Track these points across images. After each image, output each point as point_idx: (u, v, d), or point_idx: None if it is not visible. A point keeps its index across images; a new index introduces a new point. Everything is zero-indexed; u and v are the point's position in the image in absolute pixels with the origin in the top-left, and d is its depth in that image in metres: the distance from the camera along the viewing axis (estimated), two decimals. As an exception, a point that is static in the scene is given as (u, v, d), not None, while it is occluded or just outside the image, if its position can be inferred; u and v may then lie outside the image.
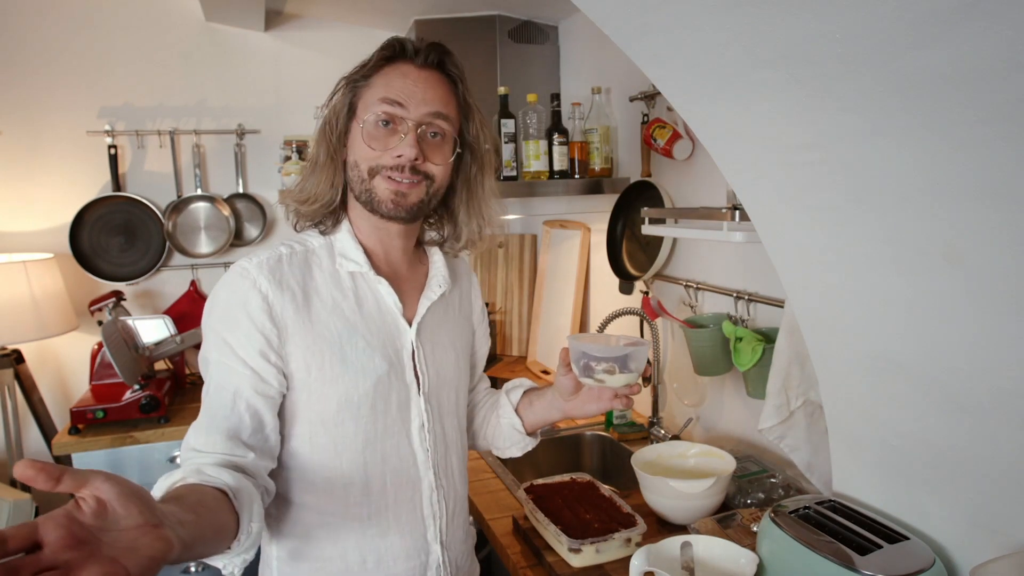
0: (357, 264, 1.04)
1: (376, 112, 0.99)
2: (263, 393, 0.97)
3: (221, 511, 0.82)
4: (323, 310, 1.01)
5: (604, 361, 1.04)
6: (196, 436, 0.95)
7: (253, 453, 0.95)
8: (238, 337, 0.95)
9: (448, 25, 2.46)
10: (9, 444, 2.32)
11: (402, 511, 1.06)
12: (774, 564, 1.06)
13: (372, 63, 1.02)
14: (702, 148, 1.77)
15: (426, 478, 1.08)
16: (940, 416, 0.96)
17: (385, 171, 1.00)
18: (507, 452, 1.26)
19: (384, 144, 0.99)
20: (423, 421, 1.08)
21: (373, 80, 1.01)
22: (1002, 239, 0.75)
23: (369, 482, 1.04)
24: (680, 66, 0.96)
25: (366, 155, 1.00)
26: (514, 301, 2.84)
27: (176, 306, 2.62)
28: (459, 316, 1.19)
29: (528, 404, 1.22)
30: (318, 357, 0.99)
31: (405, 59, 1.01)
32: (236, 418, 0.95)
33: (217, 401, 0.96)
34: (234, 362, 0.95)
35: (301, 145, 2.38)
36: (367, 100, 1.01)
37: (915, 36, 0.65)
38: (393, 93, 0.99)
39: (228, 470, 0.88)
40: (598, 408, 1.14)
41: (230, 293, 0.97)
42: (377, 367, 1.02)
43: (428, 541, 1.09)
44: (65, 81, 2.48)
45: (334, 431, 1.01)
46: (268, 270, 0.98)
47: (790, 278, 1.13)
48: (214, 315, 0.98)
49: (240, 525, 0.83)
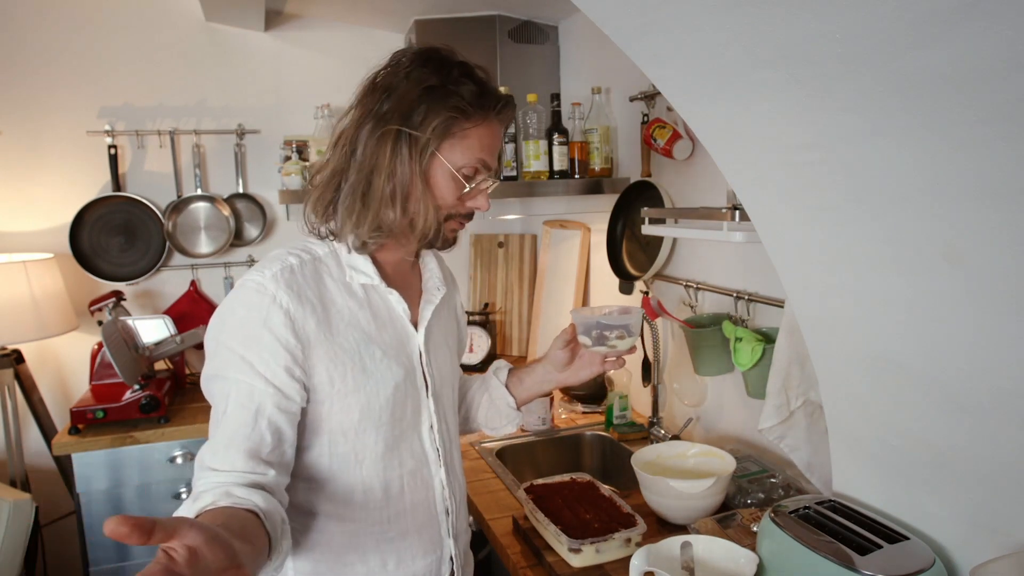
0: (368, 277, 1.04)
1: (474, 166, 1.02)
2: (285, 410, 0.95)
3: (258, 534, 0.82)
4: (341, 322, 1.00)
5: (616, 328, 1.17)
6: (213, 456, 0.92)
7: (273, 471, 0.93)
8: (260, 354, 0.93)
9: (448, 25, 2.46)
10: (9, 444, 2.32)
11: (419, 511, 1.08)
12: (774, 564, 1.06)
13: (469, 109, 0.99)
14: (702, 148, 1.77)
15: (438, 476, 1.10)
16: (940, 416, 0.96)
17: (459, 217, 1.05)
18: (503, 430, 1.30)
19: (467, 195, 1.04)
20: (432, 422, 1.09)
21: (470, 132, 1.00)
22: (1002, 239, 0.75)
23: (388, 487, 1.05)
24: (680, 66, 0.96)
25: (448, 201, 1.02)
26: (514, 301, 2.84)
27: (176, 306, 2.62)
28: (449, 315, 1.22)
29: (518, 381, 1.28)
30: (340, 368, 0.98)
31: (494, 115, 1.02)
32: (257, 436, 0.92)
33: (237, 420, 0.92)
34: (255, 380, 0.93)
35: (301, 145, 2.38)
36: (464, 148, 1.00)
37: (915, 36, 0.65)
38: (487, 154, 1.03)
39: (256, 490, 0.88)
40: (590, 373, 1.23)
41: (248, 310, 0.94)
42: (395, 374, 1.03)
43: (442, 536, 1.11)
44: (65, 81, 2.48)
45: (355, 440, 1.01)
46: (285, 283, 0.96)
47: (790, 278, 1.13)
48: (228, 332, 0.95)
49: (272, 545, 0.84)
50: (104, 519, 2.24)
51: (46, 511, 2.40)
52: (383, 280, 1.05)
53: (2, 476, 2.38)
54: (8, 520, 1.99)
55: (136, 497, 2.16)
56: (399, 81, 0.99)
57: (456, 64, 1.01)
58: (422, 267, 1.17)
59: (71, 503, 2.23)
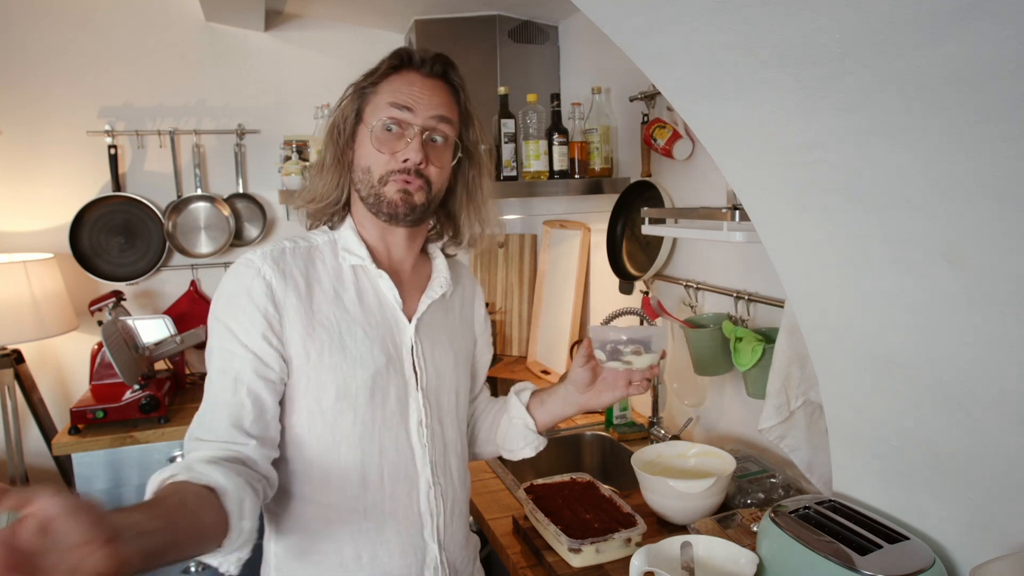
0: (359, 258, 1.07)
1: (384, 117, 1.04)
2: (264, 376, 0.98)
3: (205, 511, 0.81)
4: (324, 300, 1.04)
5: (631, 343, 1.10)
6: (200, 426, 0.96)
7: (255, 441, 0.96)
8: (241, 322, 0.98)
9: (448, 25, 2.46)
10: (9, 444, 2.32)
11: (399, 506, 1.07)
12: (774, 564, 1.06)
13: (380, 71, 1.06)
14: (702, 148, 1.77)
15: (423, 474, 1.08)
16: (940, 416, 0.96)
17: (394, 175, 1.04)
18: (520, 453, 1.25)
19: (391, 148, 1.04)
20: (421, 417, 1.09)
21: (381, 87, 1.06)
22: (1003, 239, 0.75)
23: (367, 475, 1.04)
24: (680, 66, 0.96)
25: (377, 160, 1.04)
26: (514, 301, 2.84)
27: (176, 306, 2.62)
28: (460, 321, 1.21)
29: (539, 403, 1.23)
30: (317, 344, 1.01)
31: (412, 68, 1.06)
32: (237, 403, 0.96)
33: (219, 386, 0.97)
34: (235, 346, 0.97)
35: (301, 145, 2.38)
36: (375, 105, 1.05)
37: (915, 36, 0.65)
38: (401, 99, 1.03)
39: (220, 466, 0.88)
40: (613, 397, 1.17)
41: (235, 281, 1.00)
42: (376, 359, 1.04)
43: (425, 539, 1.09)
44: (65, 81, 2.48)
45: (332, 421, 1.02)
46: (272, 260, 1.02)
47: (790, 278, 1.13)
48: (219, 305, 1.01)
49: (230, 523, 0.83)
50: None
51: (46, 511, 2.40)
52: (374, 263, 1.08)
53: (2, 476, 2.38)
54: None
55: (136, 497, 2.15)
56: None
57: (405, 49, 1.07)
58: (432, 267, 1.18)
59: (71, 503, 2.23)
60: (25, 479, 2.34)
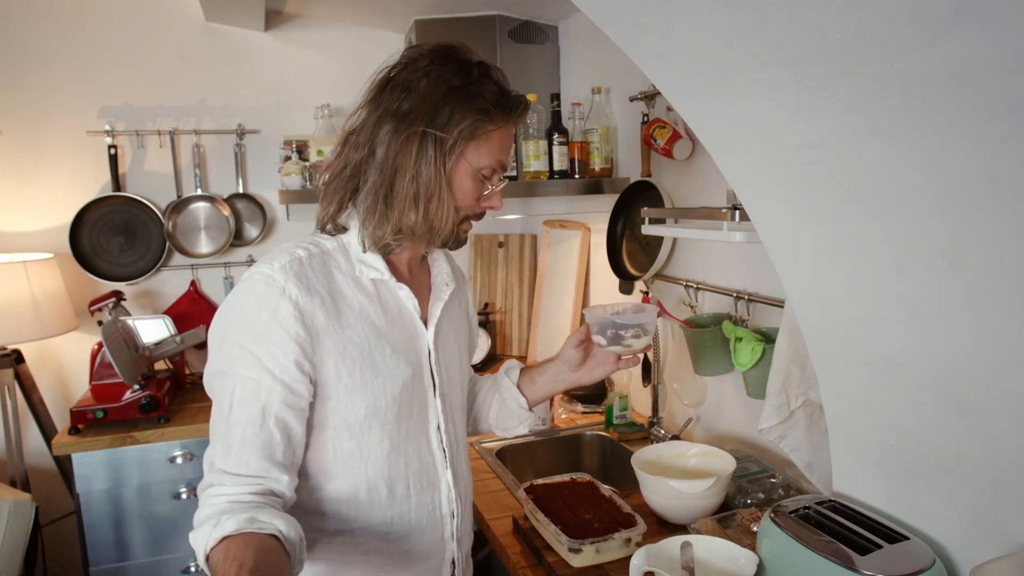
0: (378, 272, 1.03)
1: (492, 167, 1.03)
2: (293, 406, 0.93)
3: (284, 560, 0.83)
4: (351, 315, 0.99)
5: (632, 327, 1.14)
6: (224, 457, 0.90)
7: (287, 476, 0.93)
8: (268, 349, 0.91)
9: (448, 25, 2.46)
10: (9, 444, 2.32)
11: (423, 513, 1.07)
12: (774, 564, 1.06)
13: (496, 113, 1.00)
14: (702, 148, 1.77)
15: (444, 478, 1.09)
16: (940, 416, 0.96)
17: (472, 217, 1.06)
18: (514, 431, 1.27)
19: (480, 192, 1.04)
20: (439, 422, 1.09)
21: (493, 135, 1.01)
22: (1003, 239, 0.75)
23: (393, 487, 1.03)
24: (680, 66, 0.96)
25: (467, 202, 1.03)
26: (514, 301, 2.84)
27: (176, 306, 2.62)
28: (460, 314, 1.22)
29: (530, 382, 1.25)
30: (349, 363, 0.97)
31: (515, 118, 1.05)
32: (267, 435, 0.91)
33: (244, 417, 0.91)
34: (262, 376, 0.91)
35: (301, 145, 2.38)
36: (486, 151, 1.01)
37: (915, 36, 0.65)
38: (505, 155, 1.05)
39: (277, 513, 0.87)
40: (604, 372, 1.20)
41: (257, 303, 0.92)
42: (403, 372, 1.02)
43: (446, 540, 1.10)
44: (65, 81, 2.48)
45: (360, 437, 1.00)
46: (295, 275, 0.95)
47: (790, 278, 1.13)
48: (235, 326, 0.93)
49: (292, 564, 0.85)
50: (104, 519, 2.24)
51: (46, 511, 2.40)
52: (393, 276, 1.04)
53: (2, 476, 2.38)
54: (8, 520, 1.99)
55: (136, 497, 2.16)
56: (417, 79, 0.97)
57: (476, 64, 1.01)
58: (431, 264, 1.16)
59: (71, 503, 2.23)
60: (25, 479, 2.35)
